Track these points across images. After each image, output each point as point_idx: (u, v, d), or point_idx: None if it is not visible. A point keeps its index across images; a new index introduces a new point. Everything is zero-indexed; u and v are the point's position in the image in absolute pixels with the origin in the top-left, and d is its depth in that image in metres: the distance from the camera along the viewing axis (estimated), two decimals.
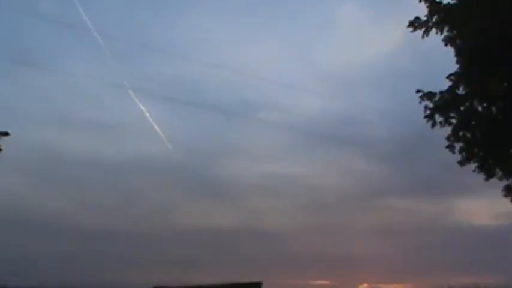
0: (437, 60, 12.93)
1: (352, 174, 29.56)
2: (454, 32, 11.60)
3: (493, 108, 11.74)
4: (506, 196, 12.18)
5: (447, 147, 11.81)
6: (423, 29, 11.65)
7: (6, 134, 13.97)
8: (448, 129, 11.71)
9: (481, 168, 11.82)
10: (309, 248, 27.73)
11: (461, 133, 11.69)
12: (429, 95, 11.63)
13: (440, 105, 11.59)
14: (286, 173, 28.73)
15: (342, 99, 26.73)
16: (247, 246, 27.19)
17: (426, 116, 11.65)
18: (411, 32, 11.72)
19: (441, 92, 11.63)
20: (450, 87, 11.62)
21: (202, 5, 31.47)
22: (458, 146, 11.76)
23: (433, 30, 11.65)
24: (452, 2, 11.52)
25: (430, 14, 11.59)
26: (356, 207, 29.02)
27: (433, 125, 11.65)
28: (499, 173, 11.98)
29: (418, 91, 11.71)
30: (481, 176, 11.94)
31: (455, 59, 11.63)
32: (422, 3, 11.60)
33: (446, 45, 11.60)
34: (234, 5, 32.07)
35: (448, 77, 11.63)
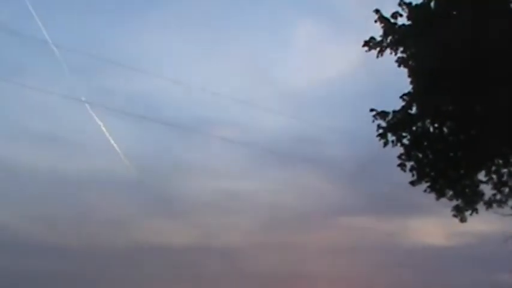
0: (395, 80, 13.03)
1: (308, 192, 29.56)
2: (408, 52, 11.78)
3: (444, 129, 11.91)
4: (455, 216, 12.34)
5: (399, 165, 11.86)
6: (378, 49, 11.80)
7: None
8: (400, 149, 11.80)
9: (432, 188, 11.93)
10: (263, 266, 27.45)
11: (412, 153, 11.79)
12: (382, 114, 11.69)
13: (393, 125, 11.66)
14: (242, 190, 28.55)
15: (299, 118, 26.77)
16: (201, 263, 26.71)
17: (379, 135, 11.69)
18: (366, 51, 11.84)
19: (394, 112, 11.72)
20: (403, 107, 11.72)
21: (160, 20, 31.26)
22: (409, 165, 11.84)
23: (388, 51, 11.82)
24: (407, 23, 11.73)
25: (385, 35, 11.75)
26: (311, 225, 28.97)
27: (385, 144, 11.70)
28: (449, 193, 12.15)
29: (371, 110, 11.78)
30: (434, 196, 12.07)
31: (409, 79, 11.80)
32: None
33: (399, 66, 11.75)
34: (192, 21, 31.98)
35: (401, 97, 11.74)
